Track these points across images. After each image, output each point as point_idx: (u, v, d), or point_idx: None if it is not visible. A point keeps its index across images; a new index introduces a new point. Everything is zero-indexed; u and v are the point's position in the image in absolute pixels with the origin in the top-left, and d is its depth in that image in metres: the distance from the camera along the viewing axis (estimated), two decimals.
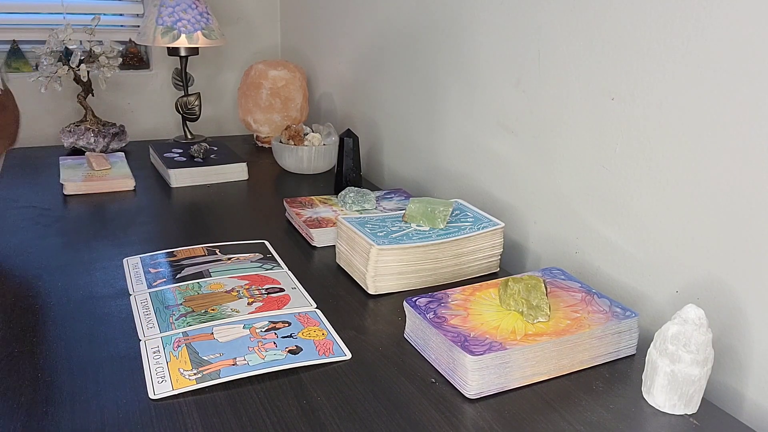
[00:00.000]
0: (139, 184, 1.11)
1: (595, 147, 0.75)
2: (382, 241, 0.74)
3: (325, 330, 0.65)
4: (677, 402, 0.54)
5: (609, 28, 0.71)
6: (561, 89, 0.79)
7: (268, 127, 1.39)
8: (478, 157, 0.97)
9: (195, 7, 1.32)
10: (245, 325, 0.65)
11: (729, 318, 0.62)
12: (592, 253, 0.77)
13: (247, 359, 0.59)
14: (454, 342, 0.57)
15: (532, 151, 0.85)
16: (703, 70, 0.61)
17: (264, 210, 1.03)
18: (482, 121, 0.94)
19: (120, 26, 1.55)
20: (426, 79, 1.07)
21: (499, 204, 0.93)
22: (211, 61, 1.61)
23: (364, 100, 1.31)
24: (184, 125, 1.43)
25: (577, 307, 0.64)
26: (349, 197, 0.95)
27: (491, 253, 0.80)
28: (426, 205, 0.80)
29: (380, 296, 0.74)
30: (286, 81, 1.37)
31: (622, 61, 0.70)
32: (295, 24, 1.62)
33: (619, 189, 0.73)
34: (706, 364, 0.54)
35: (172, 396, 0.54)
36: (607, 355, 0.62)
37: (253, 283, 0.74)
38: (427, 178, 1.11)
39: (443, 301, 0.64)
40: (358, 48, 1.30)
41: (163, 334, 0.63)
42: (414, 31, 1.09)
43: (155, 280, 0.74)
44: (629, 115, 0.70)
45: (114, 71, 1.36)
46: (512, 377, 0.57)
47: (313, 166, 1.20)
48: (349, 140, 1.07)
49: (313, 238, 0.88)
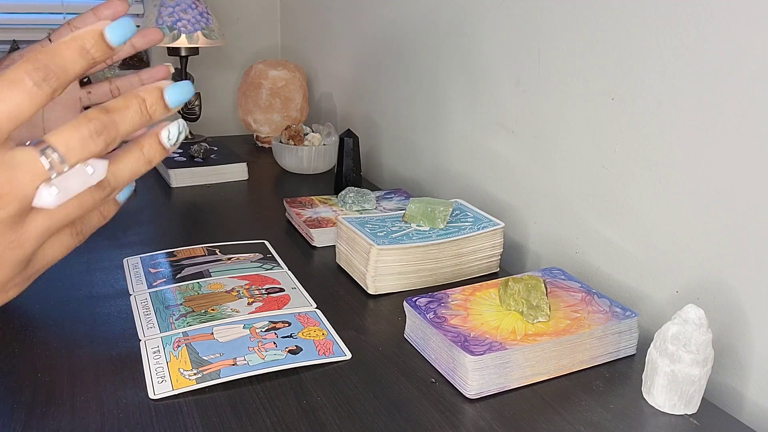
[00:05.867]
0: (139, 184, 1.11)
1: (595, 147, 0.75)
2: (382, 241, 0.74)
3: (325, 330, 0.66)
4: (677, 402, 0.54)
5: (609, 28, 0.71)
6: (561, 89, 0.79)
7: (268, 127, 1.39)
8: (478, 157, 0.97)
9: (195, 7, 1.32)
10: (245, 325, 0.65)
11: (729, 318, 0.62)
12: (592, 253, 0.77)
13: (247, 359, 0.59)
14: (454, 342, 0.57)
15: (532, 151, 0.85)
16: (703, 70, 0.61)
17: (264, 210, 1.03)
18: (482, 121, 0.94)
19: None
20: (426, 79, 1.07)
21: (499, 204, 0.93)
22: (211, 61, 1.61)
23: (364, 100, 1.31)
24: None
25: (577, 307, 0.64)
26: (349, 197, 0.95)
27: (491, 253, 0.80)
28: (426, 205, 0.80)
29: (380, 296, 0.74)
30: (286, 81, 1.37)
31: (622, 61, 0.70)
32: (295, 24, 1.62)
33: (619, 189, 0.73)
34: (706, 364, 0.54)
35: (172, 396, 0.54)
36: (607, 355, 0.62)
37: (253, 283, 0.74)
38: (427, 178, 1.11)
39: (443, 301, 0.64)
40: (358, 48, 1.30)
41: (163, 334, 0.63)
42: (414, 31, 1.09)
43: (155, 280, 0.74)
44: (629, 115, 0.70)
45: (114, 71, 1.36)
46: (512, 377, 0.57)
47: (313, 166, 1.20)
48: (349, 140, 1.07)
49: (313, 238, 0.88)
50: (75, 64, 0.34)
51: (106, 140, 0.35)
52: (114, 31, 0.34)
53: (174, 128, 0.38)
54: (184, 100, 0.38)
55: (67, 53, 0.33)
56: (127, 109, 0.35)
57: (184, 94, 0.37)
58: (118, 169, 0.37)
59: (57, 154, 0.33)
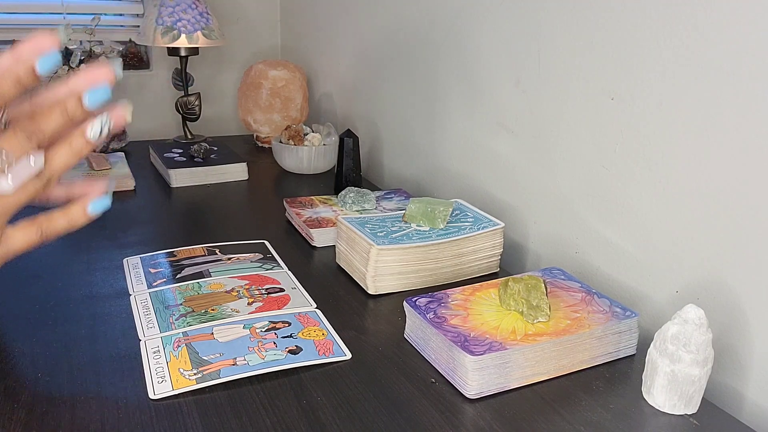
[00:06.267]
0: (139, 184, 1.11)
1: (595, 147, 0.75)
2: (382, 241, 0.74)
3: (325, 330, 0.66)
4: (677, 402, 0.54)
5: (609, 28, 0.71)
6: (561, 89, 0.79)
7: (268, 127, 1.39)
8: (478, 157, 0.97)
9: (195, 7, 1.32)
10: (245, 325, 0.65)
11: (729, 318, 0.62)
12: (592, 253, 0.77)
13: (247, 359, 0.59)
14: (454, 342, 0.57)
15: (532, 151, 0.85)
16: (703, 70, 0.61)
17: (264, 210, 1.03)
18: (482, 121, 0.94)
19: (120, 26, 1.55)
20: (426, 79, 1.07)
21: (499, 204, 0.93)
22: (211, 61, 1.61)
23: (364, 100, 1.31)
24: (184, 125, 1.43)
25: (577, 307, 0.64)
26: (349, 197, 0.95)
27: (491, 253, 0.80)
28: (426, 205, 0.80)
29: (380, 296, 0.74)
30: (286, 81, 1.37)
31: (622, 61, 0.70)
32: (295, 24, 1.62)
33: (619, 189, 0.73)
34: (706, 364, 0.54)
35: (172, 396, 0.54)
36: (607, 355, 0.62)
37: (253, 283, 0.74)
38: (427, 178, 1.11)
39: (443, 301, 0.65)
40: (358, 48, 1.30)
41: (163, 334, 0.63)
42: (414, 31, 1.09)
43: (155, 280, 0.74)
44: (629, 115, 0.70)
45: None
46: (512, 377, 0.57)
47: (313, 166, 1.20)
48: (349, 140, 1.07)
49: (313, 238, 0.88)
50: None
51: (37, 140, 0.45)
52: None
53: (97, 124, 0.46)
54: (101, 101, 0.45)
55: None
56: (50, 113, 0.45)
57: (101, 95, 0.45)
58: (52, 160, 0.46)
59: (4, 154, 0.44)
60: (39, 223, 0.50)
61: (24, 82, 0.44)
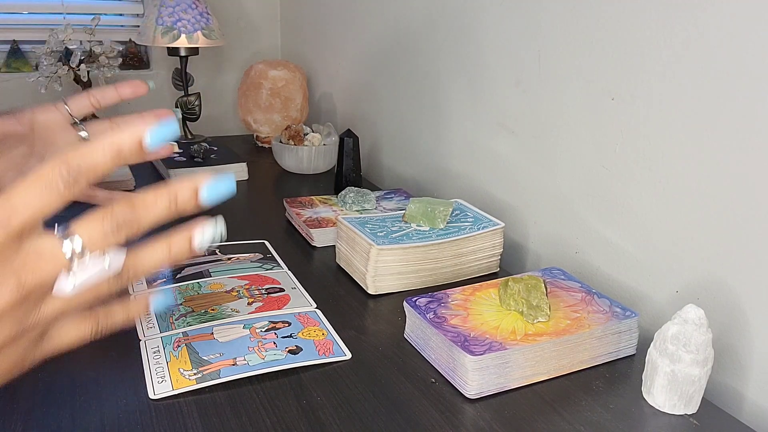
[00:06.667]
0: (139, 184, 1.11)
1: (595, 147, 0.75)
2: (382, 241, 0.74)
3: (325, 330, 0.65)
4: (677, 402, 0.54)
5: (609, 28, 0.71)
6: (561, 89, 0.79)
7: (268, 127, 1.39)
8: (478, 157, 0.97)
9: (195, 7, 1.32)
10: (245, 325, 0.65)
11: (729, 318, 0.62)
12: (592, 253, 0.77)
13: (247, 359, 0.59)
14: (454, 342, 0.57)
15: (532, 151, 0.85)
16: (703, 70, 0.61)
17: (264, 210, 1.03)
18: (482, 121, 0.94)
19: (120, 26, 1.55)
20: (426, 79, 1.07)
21: (499, 204, 0.93)
22: (211, 61, 1.61)
23: (364, 100, 1.31)
24: (184, 125, 1.43)
25: (577, 307, 0.64)
26: (349, 197, 0.95)
27: (491, 253, 0.80)
28: (426, 205, 0.80)
29: (380, 296, 0.74)
30: (286, 81, 1.37)
31: (622, 61, 0.70)
32: (295, 24, 1.62)
33: (619, 189, 0.73)
34: (706, 364, 0.54)
35: (172, 396, 0.54)
36: (607, 355, 0.62)
37: (253, 283, 0.74)
38: (427, 178, 1.11)
39: (443, 301, 0.64)
40: (358, 48, 1.30)
41: (163, 334, 0.63)
42: (414, 31, 1.09)
43: (155, 280, 0.74)
44: (629, 115, 0.70)
45: (114, 71, 1.36)
46: (512, 377, 0.57)
47: (313, 166, 1.20)
48: (349, 140, 1.07)
49: (313, 238, 0.88)
50: (106, 166, 0.34)
51: (127, 235, 0.35)
52: (155, 136, 0.34)
53: (209, 231, 0.37)
54: (222, 197, 0.36)
55: (101, 158, 0.34)
56: (155, 206, 0.35)
57: (225, 189, 0.36)
58: (139, 261, 0.37)
59: (79, 245, 0.34)
60: (96, 318, 0.42)
61: (125, 159, 0.34)
